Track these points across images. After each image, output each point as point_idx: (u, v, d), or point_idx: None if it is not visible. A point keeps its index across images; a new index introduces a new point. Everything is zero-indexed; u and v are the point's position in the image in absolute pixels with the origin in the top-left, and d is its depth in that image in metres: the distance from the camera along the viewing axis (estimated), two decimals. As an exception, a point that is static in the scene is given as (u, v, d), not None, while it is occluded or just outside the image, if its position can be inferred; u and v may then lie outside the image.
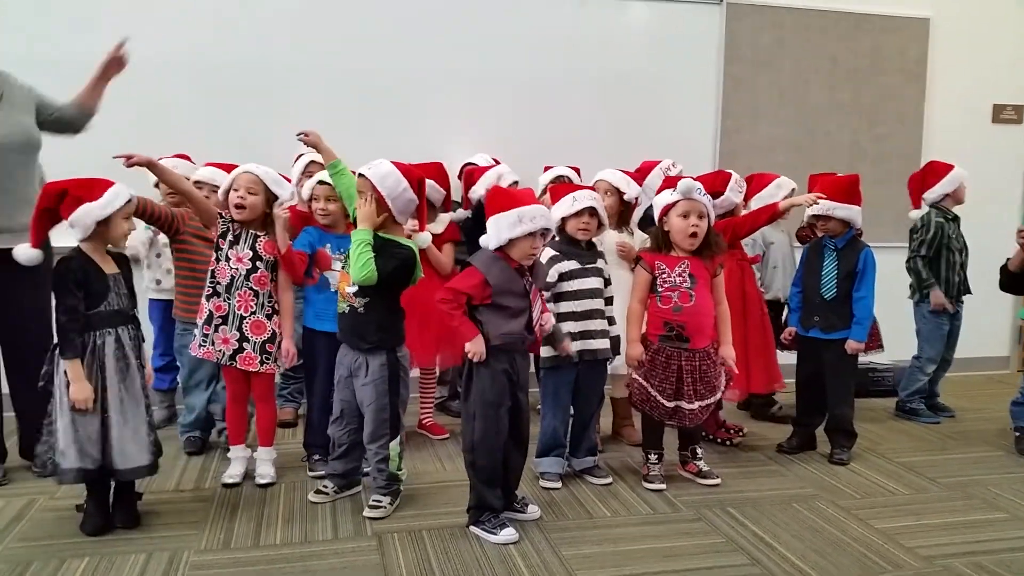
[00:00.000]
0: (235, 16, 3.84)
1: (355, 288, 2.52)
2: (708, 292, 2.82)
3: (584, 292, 2.85)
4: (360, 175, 2.54)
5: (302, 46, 3.91)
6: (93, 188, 2.33)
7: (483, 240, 2.51)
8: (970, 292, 3.86)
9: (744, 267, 3.41)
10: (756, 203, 3.49)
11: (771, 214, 3.22)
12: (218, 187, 2.87)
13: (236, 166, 2.81)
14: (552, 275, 2.80)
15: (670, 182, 2.89)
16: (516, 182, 3.43)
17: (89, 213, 2.30)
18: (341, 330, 2.62)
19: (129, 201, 2.39)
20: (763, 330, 3.40)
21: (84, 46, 3.63)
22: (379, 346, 2.56)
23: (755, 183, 3.62)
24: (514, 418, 2.51)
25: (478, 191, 3.48)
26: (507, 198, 2.49)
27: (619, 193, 3.22)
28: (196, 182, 3.10)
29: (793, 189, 3.53)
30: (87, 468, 2.34)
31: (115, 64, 2.92)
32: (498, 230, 2.42)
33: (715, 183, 3.34)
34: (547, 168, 3.70)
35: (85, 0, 3.66)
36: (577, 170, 3.65)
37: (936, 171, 3.83)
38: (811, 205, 3.17)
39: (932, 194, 3.81)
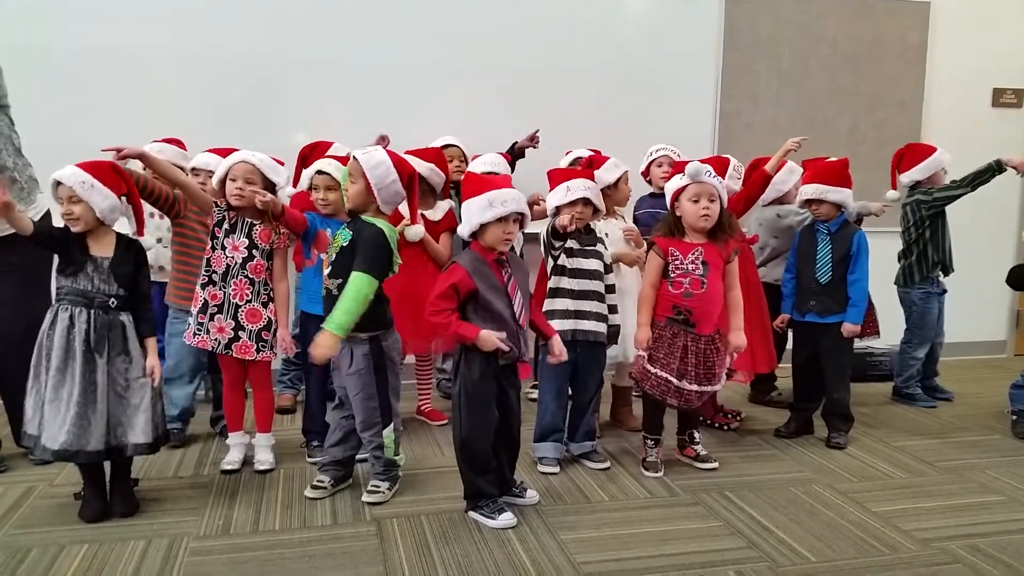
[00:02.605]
0: (232, 8, 3.80)
1: (329, 269, 2.50)
2: (719, 279, 2.81)
3: (582, 272, 2.85)
4: (353, 158, 2.51)
5: (302, 37, 3.87)
6: None
7: (460, 230, 2.50)
8: (952, 270, 3.86)
9: (743, 248, 3.36)
10: (770, 190, 3.43)
11: (762, 182, 3.20)
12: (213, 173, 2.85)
13: (234, 150, 2.79)
14: (556, 244, 2.81)
15: (679, 167, 2.89)
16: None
17: (52, 196, 2.38)
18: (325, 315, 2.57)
19: (59, 185, 2.34)
20: (761, 311, 3.38)
21: (82, 37, 3.64)
22: (359, 332, 2.49)
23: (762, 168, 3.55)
24: (503, 415, 2.49)
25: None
26: (479, 183, 2.47)
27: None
28: (193, 169, 3.09)
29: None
30: (32, 434, 2.38)
31: None
32: (469, 215, 2.41)
33: (714, 169, 3.32)
34: (568, 152, 3.65)
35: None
36: (597, 152, 3.54)
37: (915, 153, 3.81)
38: (794, 150, 3.18)
39: (906, 177, 3.80)
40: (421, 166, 3.20)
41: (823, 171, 3.24)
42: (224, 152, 2.93)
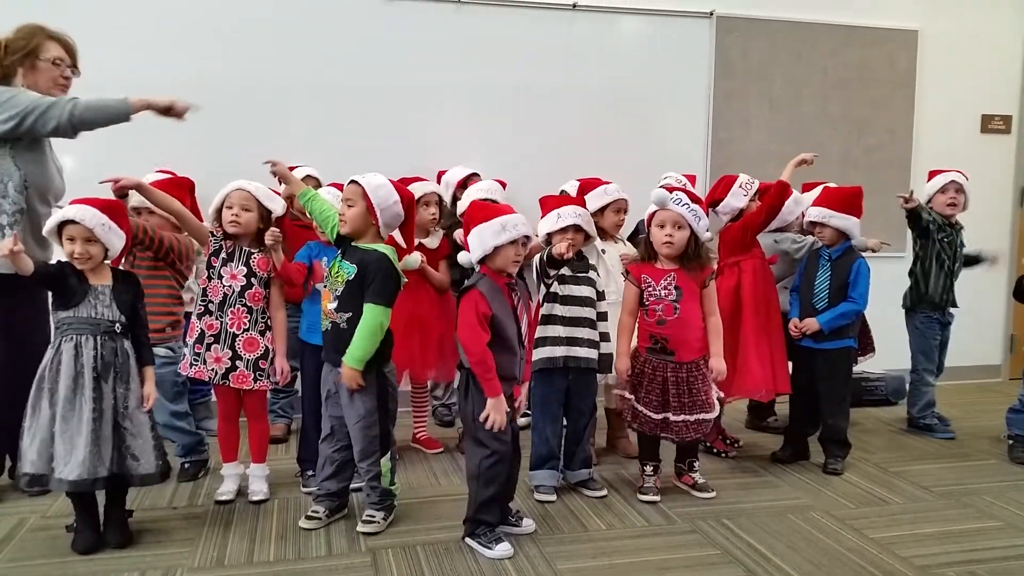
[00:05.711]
0: (229, 33, 3.84)
1: (336, 303, 2.51)
2: (696, 305, 2.81)
3: (573, 299, 2.86)
4: (353, 182, 2.52)
5: (299, 61, 3.91)
6: None
7: (462, 257, 2.52)
8: (956, 306, 3.84)
9: (767, 266, 3.31)
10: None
11: (780, 191, 3.11)
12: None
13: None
14: (550, 272, 2.83)
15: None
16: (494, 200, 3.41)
17: (49, 232, 2.37)
18: (324, 348, 2.58)
19: (71, 222, 2.32)
20: (780, 332, 3.30)
21: (83, 64, 3.66)
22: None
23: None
24: None
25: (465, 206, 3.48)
26: (488, 210, 2.52)
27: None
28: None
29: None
30: (33, 473, 2.31)
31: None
32: (482, 240, 2.43)
33: (715, 190, 3.36)
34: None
35: (85, 19, 3.65)
36: (597, 179, 3.48)
37: (930, 174, 3.86)
38: (810, 163, 3.20)
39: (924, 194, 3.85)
40: (446, 193, 3.27)
41: (832, 195, 3.25)
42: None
